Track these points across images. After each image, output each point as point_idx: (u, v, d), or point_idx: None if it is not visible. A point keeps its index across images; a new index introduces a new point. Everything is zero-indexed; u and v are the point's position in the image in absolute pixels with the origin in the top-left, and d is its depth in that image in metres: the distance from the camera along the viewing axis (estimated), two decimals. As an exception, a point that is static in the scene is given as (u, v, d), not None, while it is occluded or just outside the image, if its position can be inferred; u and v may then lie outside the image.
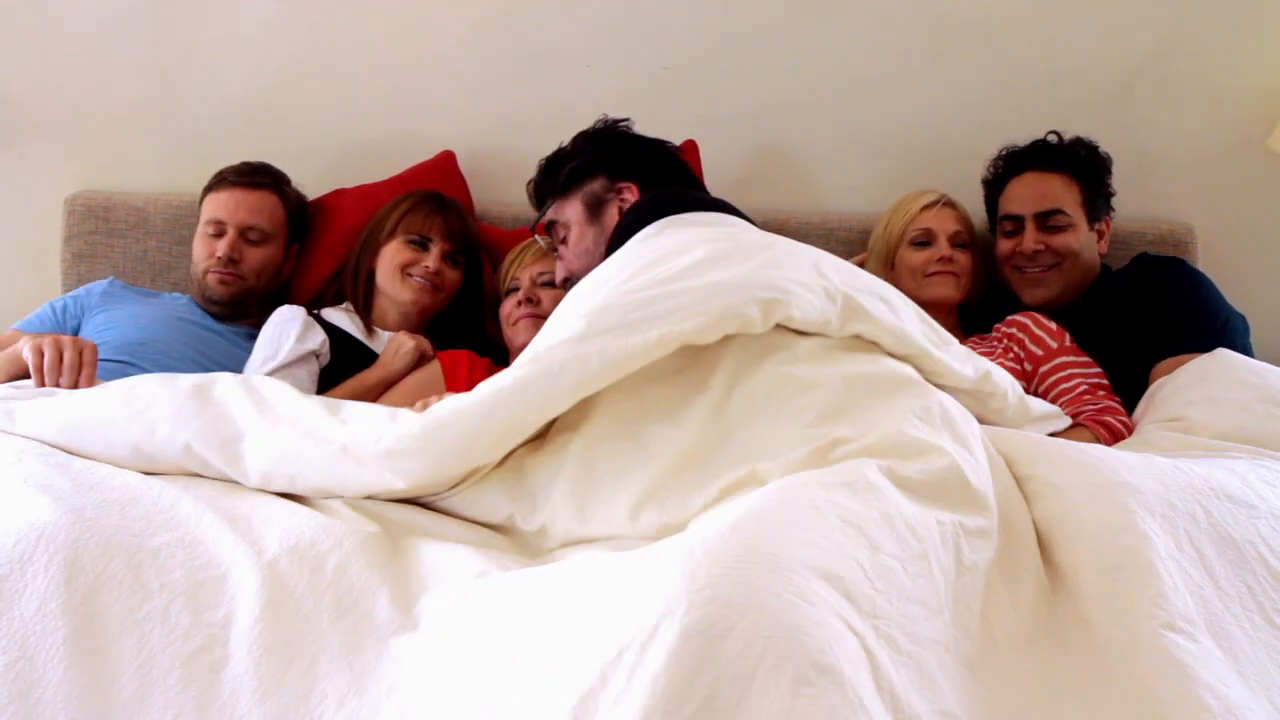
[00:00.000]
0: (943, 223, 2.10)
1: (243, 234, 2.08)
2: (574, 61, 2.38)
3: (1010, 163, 2.12)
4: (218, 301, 2.08)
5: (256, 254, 2.10)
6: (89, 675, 1.04)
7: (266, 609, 1.12)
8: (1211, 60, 2.32)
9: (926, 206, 2.12)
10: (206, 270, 2.07)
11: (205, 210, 2.11)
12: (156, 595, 1.12)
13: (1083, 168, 2.07)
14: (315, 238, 2.22)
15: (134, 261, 2.31)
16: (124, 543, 1.17)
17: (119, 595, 1.11)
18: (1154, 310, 1.92)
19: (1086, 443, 1.47)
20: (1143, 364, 1.86)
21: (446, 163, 2.33)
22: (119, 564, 1.14)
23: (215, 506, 1.28)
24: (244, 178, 2.12)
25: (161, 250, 2.32)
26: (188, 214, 2.30)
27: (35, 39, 2.36)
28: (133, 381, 1.46)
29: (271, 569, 1.16)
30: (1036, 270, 2.04)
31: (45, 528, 1.16)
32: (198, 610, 1.12)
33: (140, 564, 1.15)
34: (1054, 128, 2.11)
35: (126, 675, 1.05)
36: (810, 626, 0.89)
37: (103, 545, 1.16)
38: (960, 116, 2.35)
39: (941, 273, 2.06)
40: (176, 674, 1.06)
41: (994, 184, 2.16)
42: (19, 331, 1.96)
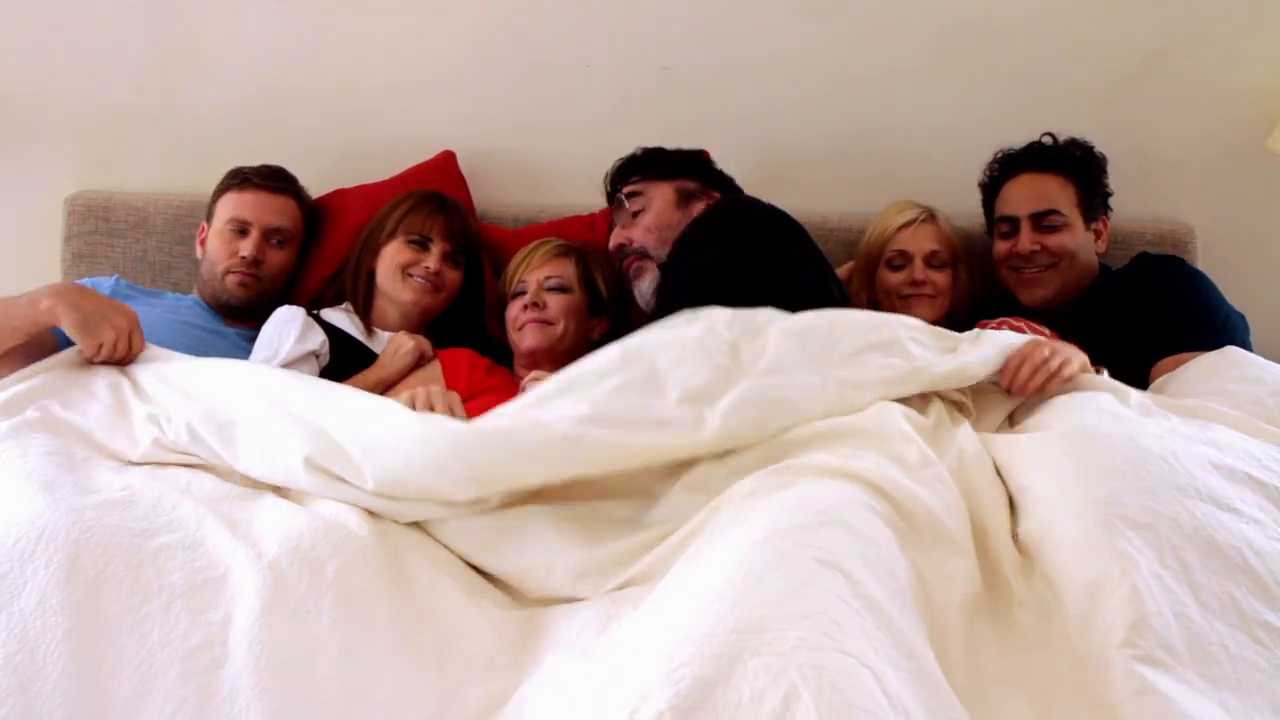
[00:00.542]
0: (919, 242, 2.09)
1: (266, 236, 2.07)
2: (574, 61, 2.38)
3: (1005, 165, 2.13)
4: (233, 304, 2.06)
5: (278, 257, 2.10)
6: (88, 671, 1.04)
7: (267, 608, 1.12)
8: (1211, 60, 2.32)
9: (903, 226, 2.11)
10: (227, 270, 2.05)
11: (225, 209, 2.09)
12: (156, 596, 1.13)
13: (1077, 168, 2.07)
14: (315, 238, 2.22)
15: (134, 261, 2.31)
16: (124, 543, 1.18)
17: (118, 595, 1.12)
18: (1153, 310, 1.92)
19: (1089, 436, 1.39)
20: (1142, 363, 1.87)
21: (446, 163, 2.33)
22: (119, 564, 1.14)
23: (216, 510, 1.29)
24: (268, 181, 2.11)
25: (161, 250, 2.32)
26: (188, 214, 2.31)
27: (35, 39, 2.37)
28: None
29: (272, 569, 1.17)
30: (1033, 271, 2.05)
31: (46, 526, 1.17)
32: (197, 611, 1.12)
33: (140, 565, 1.15)
34: (1055, 129, 2.11)
35: (126, 672, 1.05)
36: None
37: (103, 545, 1.16)
38: (960, 117, 2.35)
39: (916, 295, 2.07)
40: (175, 671, 1.06)
41: (990, 187, 2.16)
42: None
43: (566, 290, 1.97)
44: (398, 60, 2.39)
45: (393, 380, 1.88)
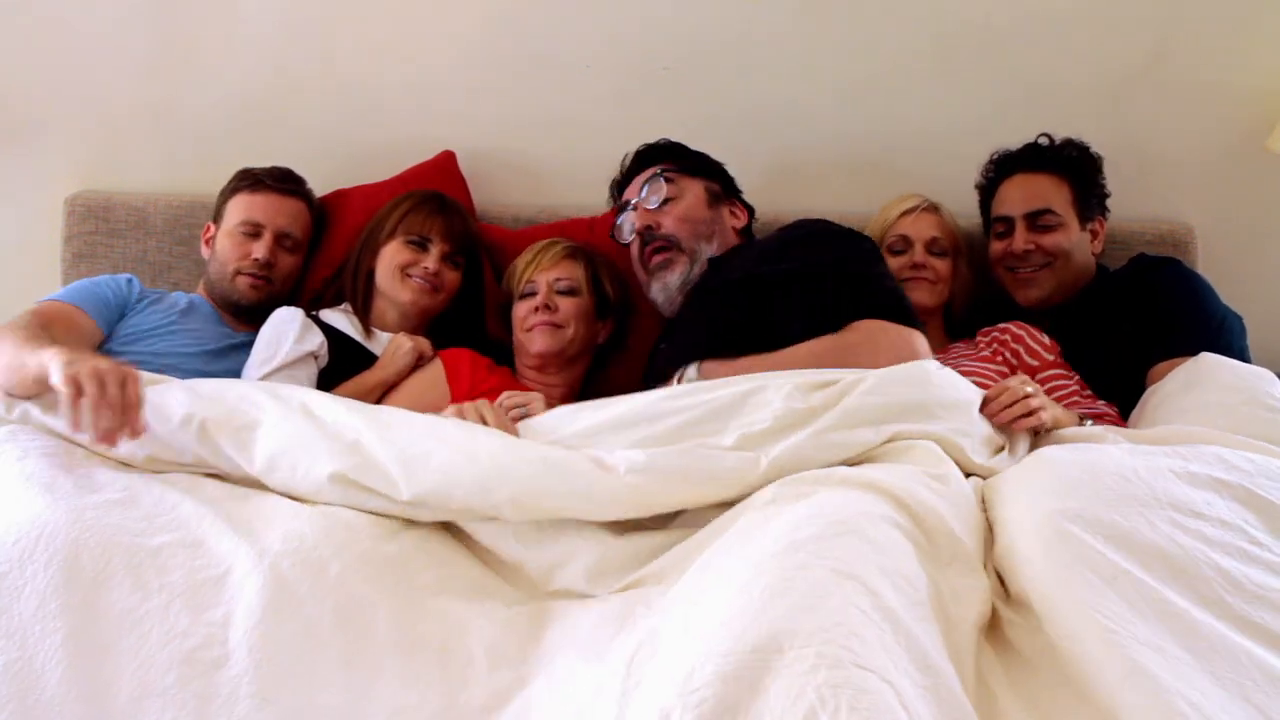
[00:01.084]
0: (920, 229, 2.11)
1: (278, 239, 2.06)
2: (574, 61, 2.38)
3: (1001, 166, 2.13)
4: (243, 305, 2.04)
5: (288, 261, 2.09)
6: (87, 676, 1.04)
7: (268, 611, 1.12)
8: (1211, 60, 2.31)
9: (905, 213, 2.13)
10: (238, 272, 2.04)
11: (236, 210, 2.07)
12: (156, 595, 1.13)
13: (1073, 168, 2.08)
14: (316, 239, 2.21)
15: (134, 261, 2.30)
16: (124, 543, 1.18)
17: (119, 595, 1.12)
18: (1149, 311, 1.92)
19: (1048, 460, 1.42)
20: (1139, 365, 1.87)
21: (446, 163, 2.33)
22: (119, 563, 1.15)
23: (218, 510, 1.30)
24: (281, 184, 2.11)
25: (161, 250, 2.32)
26: (188, 214, 2.31)
27: (35, 39, 2.37)
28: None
29: (274, 570, 1.17)
30: (1028, 270, 2.05)
31: (45, 526, 1.17)
32: (197, 610, 1.12)
33: (140, 564, 1.15)
34: (1055, 129, 2.11)
35: (125, 675, 1.05)
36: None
37: (103, 545, 1.16)
38: (960, 117, 2.35)
39: (916, 279, 2.07)
40: (175, 674, 1.06)
41: (986, 188, 2.17)
42: (58, 305, 1.83)
43: (576, 293, 1.97)
44: (398, 60, 2.39)
45: (392, 381, 1.88)
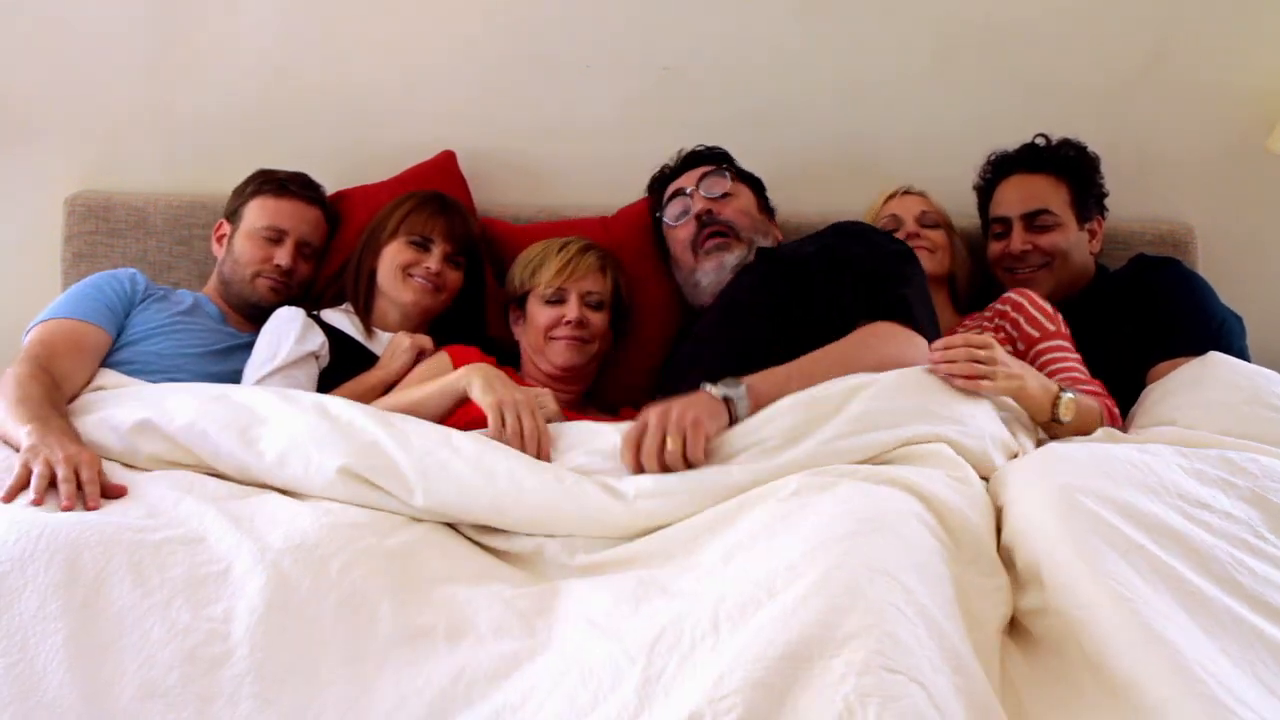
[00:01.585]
0: (907, 206, 2.17)
1: (299, 247, 2.06)
2: (574, 61, 2.38)
3: (998, 167, 2.14)
4: (262, 307, 2.01)
5: (305, 269, 2.09)
6: (88, 676, 1.03)
7: (270, 609, 1.12)
8: (1211, 60, 2.32)
9: (890, 197, 2.20)
10: (257, 274, 2.02)
11: (259, 214, 2.05)
12: (157, 591, 1.13)
13: (1070, 168, 2.08)
14: (320, 241, 2.21)
15: (134, 261, 2.30)
16: (125, 540, 1.17)
17: (120, 592, 1.11)
18: (1149, 311, 1.92)
19: (1056, 450, 1.45)
20: (1138, 365, 1.87)
21: (447, 163, 2.33)
22: (120, 560, 1.14)
23: (219, 507, 1.30)
24: (305, 191, 2.10)
25: (161, 250, 2.32)
26: (188, 214, 2.31)
27: (35, 39, 2.36)
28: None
29: (275, 567, 1.17)
30: (1026, 271, 2.06)
31: (46, 526, 1.17)
32: (199, 605, 1.12)
33: (141, 560, 1.15)
34: (1055, 129, 2.12)
35: (127, 675, 1.04)
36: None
37: (104, 543, 1.16)
38: (960, 117, 2.35)
39: (915, 248, 2.06)
40: (177, 673, 1.05)
41: (984, 190, 2.17)
42: (62, 329, 1.82)
43: (604, 307, 1.99)
44: (398, 60, 2.39)
45: (392, 380, 1.88)
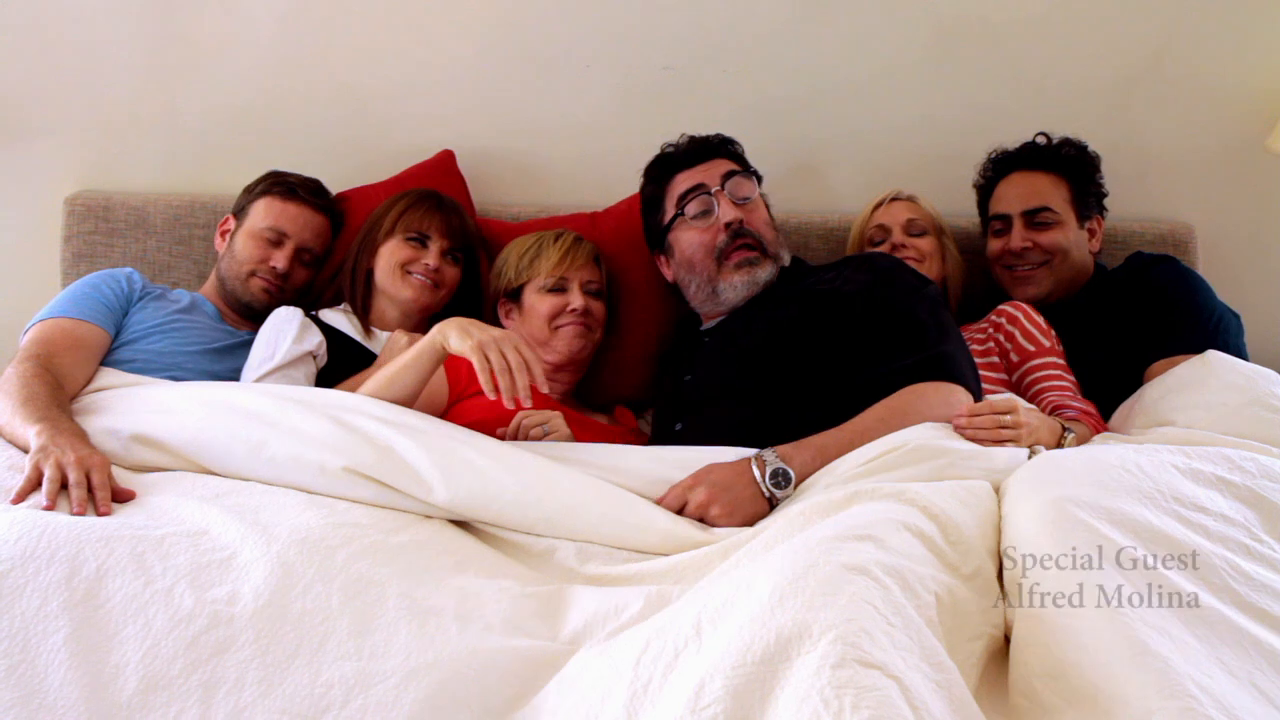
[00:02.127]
0: (893, 215, 2.14)
1: (298, 252, 2.05)
2: (574, 61, 2.38)
3: (998, 165, 2.14)
4: (255, 307, 2.02)
5: (302, 274, 2.08)
6: (90, 674, 1.02)
7: (276, 594, 1.12)
8: (1211, 60, 2.32)
9: (877, 206, 2.18)
10: (253, 274, 2.02)
11: (264, 214, 2.04)
12: (160, 579, 1.12)
13: (1070, 166, 2.08)
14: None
15: (134, 261, 2.30)
16: (127, 534, 1.18)
17: (121, 582, 1.11)
18: (1147, 309, 1.93)
19: (1053, 458, 1.45)
20: (1136, 362, 1.87)
21: (446, 163, 2.33)
22: (122, 552, 1.14)
23: (222, 503, 1.30)
24: (314, 197, 2.10)
25: (161, 250, 2.32)
26: (187, 214, 2.31)
27: (34, 39, 2.36)
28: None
29: (281, 556, 1.17)
30: (1026, 268, 2.05)
31: (48, 525, 1.17)
32: (202, 588, 1.11)
33: (144, 552, 1.15)
34: (1055, 128, 2.12)
35: (130, 667, 1.03)
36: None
37: (106, 538, 1.16)
38: (961, 116, 2.35)
39: (903, 259, 2.07)
40: (181, 662, 1.04)
41: (984, 188, 2.17)
42: (62, 327, 1.80)
43: (602, 297, 2.00)
44: (397, 60, 2.39)
45: (391, 380, 1.88)
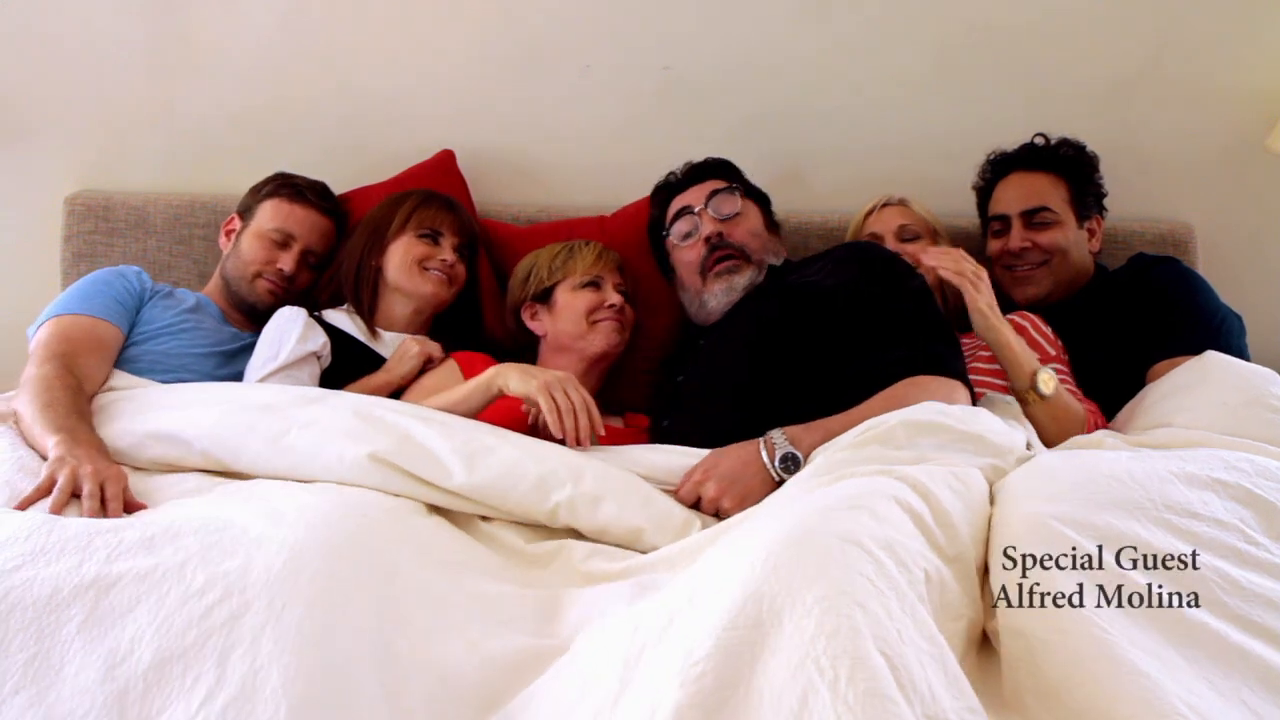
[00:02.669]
0: (886, 221, 2.14)
1: (304, 255, 2.05)
2: (574, 61, 2.38)
3: (997, 166, 2.14)
4: (258, 309, 2.01)
5: (306, 277, 2.07)
6: (105, 654, 1.03)
7: (288, 564, 1.12)
8: (1211, 60, 2.32)
9: (869, 213, 2.17)
10: (258, 275, 2.01)
11: (272, 215, 2.04)
12: (171, 558, 1.13)
13: (1069, 166, 2.08)
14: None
15: (133, 261, 2.29)
16: (136, 523, 1.20)
17: (132, 563, 1.12)
18: (1148, 310, 1.93)
19: (1045, 466, 1.45)
20: (1138, 363, 1.87)
21: (446, 163, 2.33)
22: (132, 538, 1.15)
23: (228, 495, 1.33)
24: (322, 200, 2.10)
25: (161, 250, 2.32)
26: (188, 214, 2.31)
27: (34, 39, 2.36)
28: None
29: (292, 533, 1.17)
30: (1025, 268, 2.06)
31: (58, 522, 1.19)
32: (214, 563, 1.12)
33: (153, 536, 1.16)
34: (1054, 129, 2.12)
35: (144, 642, 1.04)
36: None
37: (115, 527, 1.18)
38: (961, 117, 2.35)
39: None
40: (195, 631, 1.05)
41: (984, 189, 2.17)
42: (79, 325, 1.80)
43: (629, 301, 2.02)
44: (397, 60, 2.39)
45: (398, 384, 1.88)
